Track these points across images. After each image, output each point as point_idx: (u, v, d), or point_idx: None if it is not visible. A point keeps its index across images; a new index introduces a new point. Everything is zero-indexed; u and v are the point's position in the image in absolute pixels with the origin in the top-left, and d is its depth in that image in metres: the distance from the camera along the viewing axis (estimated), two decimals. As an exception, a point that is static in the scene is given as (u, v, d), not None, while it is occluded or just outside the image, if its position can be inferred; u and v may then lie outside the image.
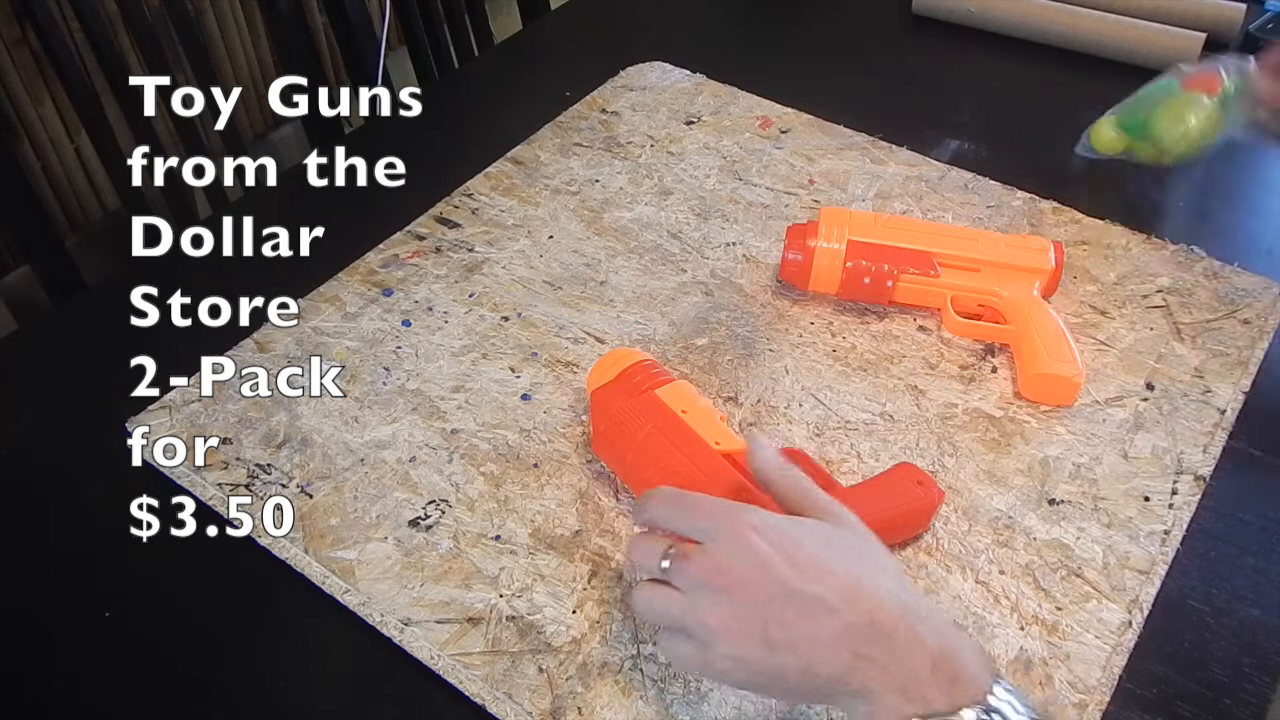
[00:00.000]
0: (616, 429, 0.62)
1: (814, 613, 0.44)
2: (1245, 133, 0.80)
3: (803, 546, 0.45)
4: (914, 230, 0.74)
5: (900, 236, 0.73)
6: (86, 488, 0.66)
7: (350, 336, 0.74)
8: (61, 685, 0.57)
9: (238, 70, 1.47)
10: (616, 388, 0.63)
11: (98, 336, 0.78)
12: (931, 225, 0.77)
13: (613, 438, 0.62)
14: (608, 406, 0.63)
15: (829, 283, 0.74)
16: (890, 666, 0.43)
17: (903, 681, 0.43)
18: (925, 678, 0.43)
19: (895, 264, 0.72)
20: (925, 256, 0.72)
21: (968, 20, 1.08)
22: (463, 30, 1.38)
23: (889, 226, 0.74)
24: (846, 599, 0.44)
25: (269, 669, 0.58)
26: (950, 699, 0.42)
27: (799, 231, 0.75)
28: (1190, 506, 0.62)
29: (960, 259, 0.73)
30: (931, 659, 0.43)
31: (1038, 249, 0.73)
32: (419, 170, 0.90)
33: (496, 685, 0.54)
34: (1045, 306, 0.71)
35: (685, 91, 0.99)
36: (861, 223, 0.74)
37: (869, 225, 0.74)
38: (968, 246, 0.73)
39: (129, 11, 1.09)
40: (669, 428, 0.60)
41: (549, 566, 0.60)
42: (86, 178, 1.33)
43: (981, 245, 0.73)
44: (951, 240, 0.74)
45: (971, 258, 0.73)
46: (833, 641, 0.44)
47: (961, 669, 0.43)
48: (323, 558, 0.60)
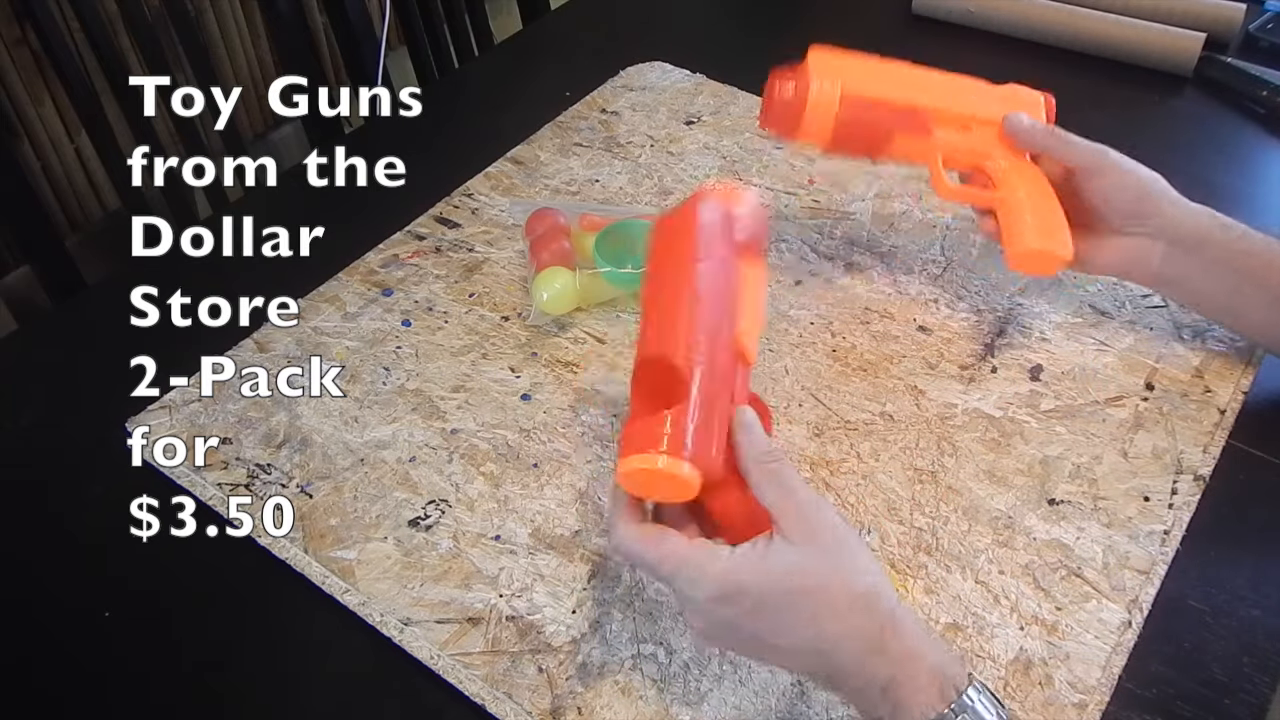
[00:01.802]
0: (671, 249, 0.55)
1: (780, 659, 0.50)
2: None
3: (765, 604, 0.47)
4: (907, 81, 0.70)
5: (894, 88, 0.69)
6: (86, 488, 0.66)
7: (350, 336, 0.74)
8: (62, 685, 0.57)
9: (238, 70, 1.47)
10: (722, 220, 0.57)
11: (98, 336, 0.78)
12: (927, 75, 0.71)
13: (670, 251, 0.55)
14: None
15: (819, 132, 0.69)
16: (852, 694, 0.48)
17: (861, 703, 0.48)
18: (876, 703, 0.46)
19: (889, 121, 0.69)
20: (918, 114, 0.69)
21: (968, 20, 1.08)
22: (463, 30, 1.38)
23: (882, 76, 0.70)
24: (805, 651, 0.47)
25: (269, 669, 0.58)
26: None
27: (787, 74, 0.70)
28: (1190, 506, 0.62)
29: (952, 115, 0.70)
30: (881, 688, 0.46)
31: (1029, 103, 0.70)
32: (419, 170, 0.90)
33: (496, 685, 0.54)
34: (1036, 171, 0.69)
35: (685, 91, 0.99)
36: (854, 71, 0.69)
37: (862, 74, 0.69)
38: (961, 100, 0.70)
39: (129, 11, 1.09)
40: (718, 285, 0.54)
41: (549, 566, 0.60)
42: (86, 178, 1.33)
43: (974, 99, 0.70)
44: (945, 93, 0.70)
45: (964, 114, 0.70)
46: (805, 671, 0.51)
47: (911, 693, 0.45)
48: (323, 558, 0.60)
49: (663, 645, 0.56)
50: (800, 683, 0.54)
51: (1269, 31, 1.05)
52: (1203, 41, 0.99)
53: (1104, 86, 1.01)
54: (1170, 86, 1.01)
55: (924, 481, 0.64)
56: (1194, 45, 1.00)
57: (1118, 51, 1.02)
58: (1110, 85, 1.01)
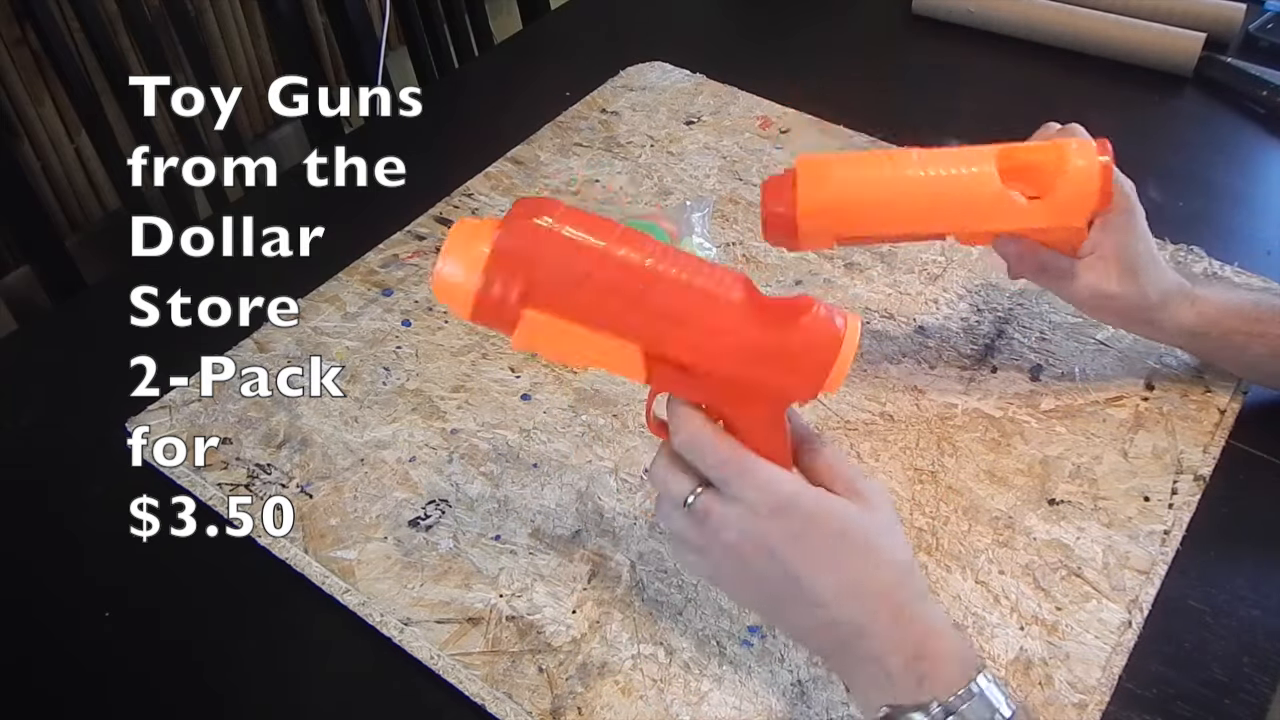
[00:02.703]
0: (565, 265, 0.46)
1: (807, 603, 0.47)
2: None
3: (814, 533, 0.47)
4: (913, 206, 0.61)
5: (896, 219, 0.61)
6: (86, 488, 0.66)
7: (350, 336, 0.74)
8: (62, 685, 0.57)
9: (238, 70, 1.47)
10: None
11: (98, 336, 0.78)
12: (937, 190, 0.60)
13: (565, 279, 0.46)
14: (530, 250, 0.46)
15: (822, 243, 0.64)
16: (865, 663, 0.46)
17: (874, 675, 0.46)
18: (897, 674, 0.45)
19: (892, 237, 0.66)
20: (920, 236, 0.66)
21: (968, 20, 1.08)
22: (463, 30, 1.38)
23: (873, 207, 0.61)
24: (841, 596, 0.46)
25: (269, 669, 0.58)
26: (916, 695, 0.44)
27: (777, 192, 0.62)
28: (1190, 506, 0.62)
29: (971, 234, 0.63)
30: (905, 657, 0.45)
31: (1078, 203, 0.59)
32: (419, 170, 0.90)
33: (496, 685, 0.54)
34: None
35: (685, 91, 0.99)
36: (843, 208, 0.61)
37: (855, 207, 0.61)
38: (981, 216, 0.61)
39: (129, 11, 1.09)
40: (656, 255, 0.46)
41: (549, 566, 0.60)
42: (86, 178, 1.33)
43: (1002, 212, 0.60)
44: (960, 212, 0.61)
45: (969, 231, 0.63)
46: (818, 631, 0.48)
47: (935, 667, 0.45)
48: (323, 558, 0.60)
49: (663, 645, 0.56)
50: (800, 683, 0.54)
51: (1269, 31, 1.05)
52: (1203, 41, 0.99)
53: (1104, 86, 1.01)
54: (1170, 86, 1.01)
55: (924, 481, 0.64)
56: (1194, 45, 1.00)
57: (1118, 51, 1.02)
58: (1110, 85, 1.01)
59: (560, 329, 0.46)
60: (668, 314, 0.47)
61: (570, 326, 0.46)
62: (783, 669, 0.55)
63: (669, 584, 0.59)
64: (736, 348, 0.47)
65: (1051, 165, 0.60)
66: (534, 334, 0.46)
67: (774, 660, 0.55)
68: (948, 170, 0.60)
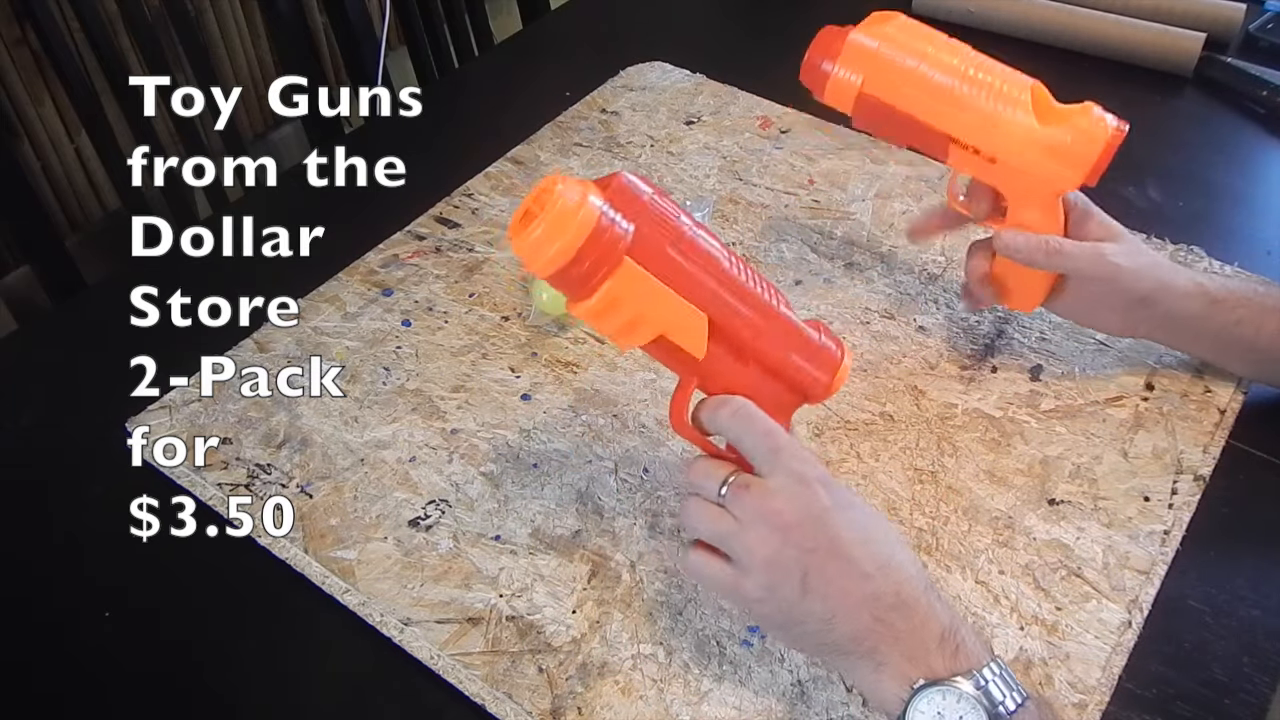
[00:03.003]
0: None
1: (851, 573, 0.48)
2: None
3: (852, 508, 0.49)
4: (941, 88, 0.62)
5: (918, 97, 0.63)
6: (86, 488, 0.66)
7: (350, 336, 0.74)
8: (62, 684, 0.57)
9: (238, 70, 1.47)
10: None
11: (98, 336, 0.78)
12: (973, 76, 0.63)
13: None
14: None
15: (842, 107, 0.65)
16: (903, 634, 0.47)
17: (911, 648, 0.47)
18: (932, 647, 0.47)
19: (906, 128, 0.64)
20: (939, 136, 0.63)
21: (968, 20, 1.08)
22: (463, 30, 1.38)
23: (914, 75, 0.63)
24: (881, 568, 0.48)
25: (269, 669, 0.58)
26: (951, 667, 0.46)
27: (831, 39, 0.64)
28: (1190, 506, 0.62)
29: (972, 146, 0.63)
30: (940, 631, 0.47)
31: (1077, 156, 0.62)
32: (419, 170, 0.90)
33: (496, 685, 0.54)
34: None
35: (685, 91, 0.99)
36: (886, 62, 0.63)
37: (893, 69, 0.63)
38: (990, 133, 0.62)
39: (129, 11, 1.10)
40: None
41: (549, 566, 0.60)
42: (86, 178, 1.33)
43: (1009, 135, 0.62)
44: (977, 117, 0.62)
45: (987, 150, 0.63)
46: (860, 602, 0.48)
47: (964, 643, 0.47)
48: (323, 558, 0.60)
49: (663, 645, 0.56)
50: (800, 683, 0.54)
51: (1269, 31, 1.05)
52: (1203, 41, 0.99)
53: (1104, 86, 1.00)
54: (1170, 86, 1.01)
55: (924, 481, 0.64)
56: (1194, 45, 1.00)
57: (1117, 51, 1.02)
58: (1110, 85, 1.01)
59: (648, 285, 0.49)
60: (738, 294, 0.52)
61: (657, 284, 0.49)
62: (783, 669, 0.55)
63: (669, 584, 0.59)
64: (774, 345, 0.52)
65: (1071, 115, 0.63)
66: (627, 284, 0.49)
67: (774, 660, 0.55)
68: (987, 75, 0.63)
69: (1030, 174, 0.63)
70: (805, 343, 0.53)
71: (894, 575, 0.48)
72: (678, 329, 0.51)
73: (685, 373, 0.53)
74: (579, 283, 0.49)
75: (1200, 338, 0.66)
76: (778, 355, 0.52)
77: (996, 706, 0.45)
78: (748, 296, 0.52)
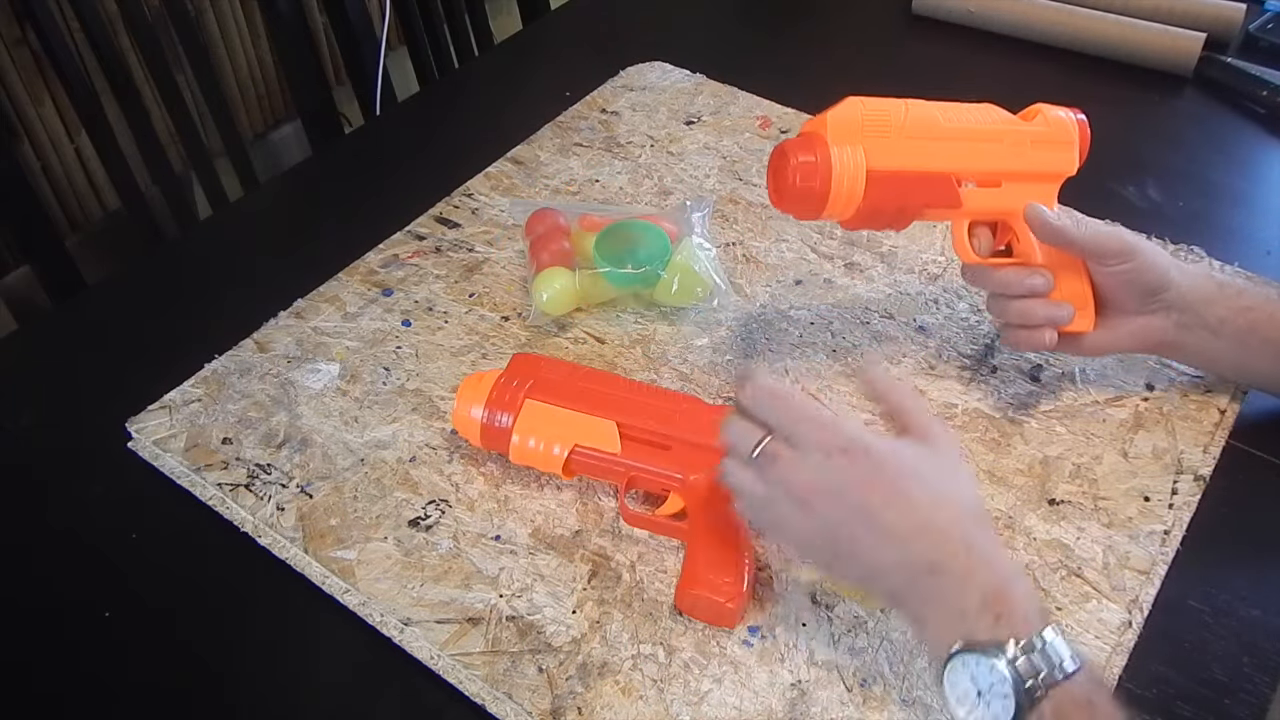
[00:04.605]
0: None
1: (881, 541, 0.48)
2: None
3: (883, 472, 0.49)
4: (932, 136, 0.62)
5: (920, 151, 0.61)
6: (86, 488, 0.66)
7: (350, 336, 0.74)
8: (62, 684, 0.57)
9: (238, 70, 1.47)
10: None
11: (98, 336, 0.78)
12: (949, 119, 0.63)
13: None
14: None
15: (843, 211, 0.61)
16: (939, 599, 0.47)
17: (949, 612, 0.46)
18: (973, 612, 0.46)
19: (918, 193, 0.61)
20: (948, 181, 0.62)
21: (968, 20, 1.08)
22: (463, 30, 1.38)
23: (905, 137, 0.61)
24: (914, 532, 0.48)
25: (269, 669, 0.58)
26: (993, 632, 0.45)
27: (799, 147, 0.60)
28: (1190, 506, 0.62)
29: (982, 174, 0.63)
30: (982, 595, 0.46)
31: (1061, 138, 0.63)
32: (419, 170, 0.90)
33: (496, 685, 0.54)
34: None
35: (685, 91, 0.99)
36: (875, 136, 0.60)
37: (884, 139, 0.60)
38: (990, 154, 0.63)
39: (129, 11, 1.10)
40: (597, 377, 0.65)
41: (549, 566, 0.60)
42: (86, 178, 1.33)
43: (1004, 149, 0.63)
44: (974, 148, 0.62)
45: (995, 170, 0.63)
46: (892, 569, 0.48)
47: (1011, 608, 0.45)
48: (323, 558, 0.60)
49: (663, 645, 0.56)
50: (800, 683, 0.54)
51: (1269, 31, 1.05)
52: (1203, 41, 0.99)
53: (1104, 86, 1.01)
54: (1170, 86, 1.01)
55: (924, 481, 0.64)
56: (1194, 45, 1.00)
57: (1117, 51, 1.03)
58: (1110, 85, 1.01)
59: (551, 411, 0.62)
60: (638, 393, 0.63)
61: (559, 410, 0.62)
62: (783, 669, 0.55)
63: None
64: (693, 421, 0.61)
65: (1031, 115, 0.65)
66: (533, 417, 0.62)
67: (774, 660, 0.55)
68: (956, 106, 0.64)
69: (1034, 174, 0.63)
70: (719, 417, 0.57)
71: (928, 539, 0.48)
72: (590, 436, 0.61)
73: (617, 478, 0.62)
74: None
75: (1217, 326, 0.63)
76: (691, 439, 0.60)
77: (1026, 681, 0.44)
78: (652, 399, 0.63)
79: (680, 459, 0.60)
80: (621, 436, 0.61)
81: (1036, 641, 0.44)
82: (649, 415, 0.62)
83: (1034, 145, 0.63)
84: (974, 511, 0.50)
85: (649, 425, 0.61)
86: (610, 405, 0.62)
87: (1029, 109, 0.65)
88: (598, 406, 0.62)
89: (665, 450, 0.61)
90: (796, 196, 0.60)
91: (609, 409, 0.62)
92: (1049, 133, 0.63)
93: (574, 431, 0.61)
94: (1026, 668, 0.44)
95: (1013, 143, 0.63)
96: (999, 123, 0.63)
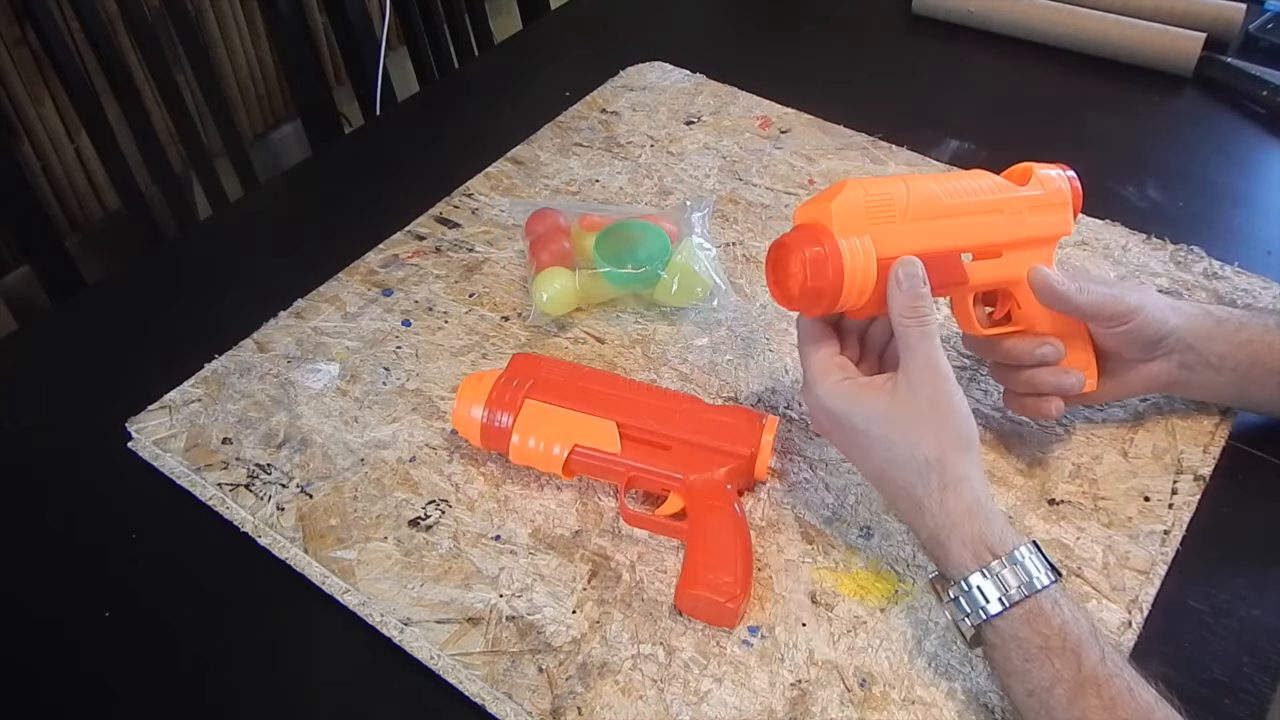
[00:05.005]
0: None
1: (866, 473, 0.59)
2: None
3: (841, 430, 0.57)
4: (934, 214, 0.59)
5: (926, 231, 0.58)
6: (86, 488, 0.66)
7: (350, 336, 0.74)
8: (61, 684, 0.57)
9: (238, 70, 1.47)
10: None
11: (98, 336, 0.78)
12: (946, 194, 0.59)
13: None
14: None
15: (854, 302, 0.57)
16: (925, 534, 0.54)
17: (934, 548, 0.54)
18: (927, 547, 0.55)
19: (929, 277, 0.57)
20: (955, 260, 0.60)
21: (968, 20, 1.08)
22: (463, 30, 1.38)
23: (914, 219, 0.58)
24: (878, 481, 0.57)
25: (269, 669, 0.58)
26: (943, 568, 0.54)
27: (801, 241, 0.56)
28: (1190, 506, 0.62)
29: (987, 248, 0.61)
30: (924, 540, 0.54)
31: (1056, 200, 0.62)
32: (419, 170, 0.90)
33: (496, 685, 0.54)
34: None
35: (685, 91, 0.99)
36: (880, 223, 0.57)
37: (893, 224, 0.57)
38: (991, 226, 0.61)
39: (129, 11, 1.10)
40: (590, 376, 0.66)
41: (549, 566, 0.60)
42: (86, 178, 1.33)
43: (1003, 220, 0.61)
44: (975, 222, 0.60)
45: (998, 243, 0.61)
46: (883, 490, 0.58)
47: (944, 556, 0.53)
48: (323, 558, 0.60)
49: (663, 645, 0.56)
50: (800, 683, 0.54)
51: (1269, 31, 1.05)
52: (1203, 41, 0.99)
53: (1104, 86, 1.01)
54: (1170, 86, 1.01)
55: (924, 481, 0.64)
56: (1194, 45, 1.00)
57: (1117, 51, 1.02)
58: (1110, 85, 1.01)
59: (551, 411, 0.62)
60: (638, 393, 0.64)
61: (559, 409, 0.62)
62: (783, 669, 0.55)
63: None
64: (693, 421, 0.62)
65: (1020, 175, 0.63)
66: (533, 416, 0.62)
67: (774, 660, 0.55)
68: (947, 177, 0.61)
69: (1034, 240, 0.62)
70: (715, 426, 0.62)
71: (888, 490, 0.57)
72: (590, 435, 0.61)
73: (617, 478, 0.62)
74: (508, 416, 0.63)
75: (1218, 362, 0.63)
76: (691, 439, 0.62)
77: (958, 622, 0.52)
78: (652, 398, 0.64)
79: (680, 459, 0.61)
80: (621, 436, 0.61)
81: (1007, 560, 0.51)
82: (649, 415, 0.62)
83: (1032, 210, 0.62)
84: (929, 463, 0.54)
85: (649, 425, 0.62)
86: (610, 405, 0.63)
87: (1018, 168, 0.63)
88: (598, 406, 0.62)
89: (665, 450, 0.61)
90: (808, 294, 0.57)
91: (609, 409, 0.62)
92: (1045, 196, 0.62)
93: (574, 431, 0.62)
94: (955, 611, 0.52)
95: (1012, 211, 0.61)
96: (996, 191, 0.61)
